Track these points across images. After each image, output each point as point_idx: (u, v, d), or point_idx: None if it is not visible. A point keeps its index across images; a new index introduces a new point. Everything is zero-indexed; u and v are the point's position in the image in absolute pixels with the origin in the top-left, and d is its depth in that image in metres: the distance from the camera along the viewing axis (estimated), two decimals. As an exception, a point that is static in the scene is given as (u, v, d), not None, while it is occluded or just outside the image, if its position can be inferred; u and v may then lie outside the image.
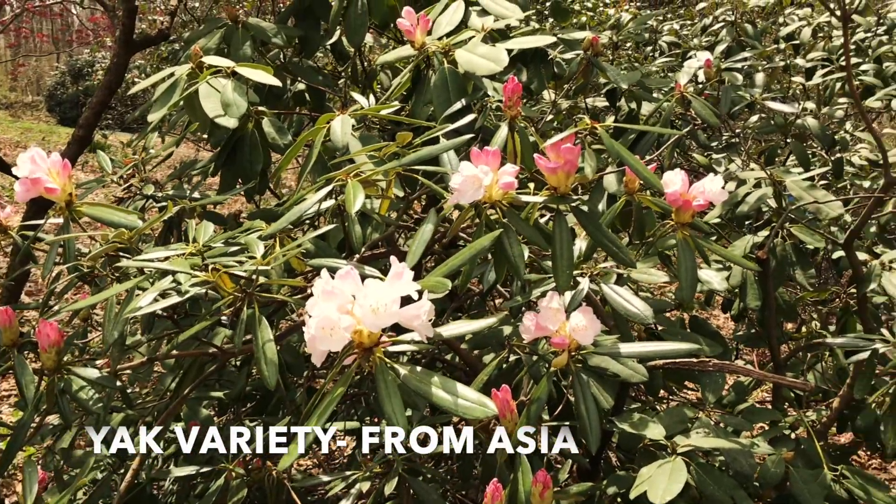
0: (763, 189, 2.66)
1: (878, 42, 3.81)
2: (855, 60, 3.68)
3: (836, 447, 2.72)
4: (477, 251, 1.32)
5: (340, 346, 1.17)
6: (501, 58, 1.91)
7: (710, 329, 2.46)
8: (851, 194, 3.45)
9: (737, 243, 2.66)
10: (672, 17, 5.35)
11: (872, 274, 2.54)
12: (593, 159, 1.60)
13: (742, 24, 4.04)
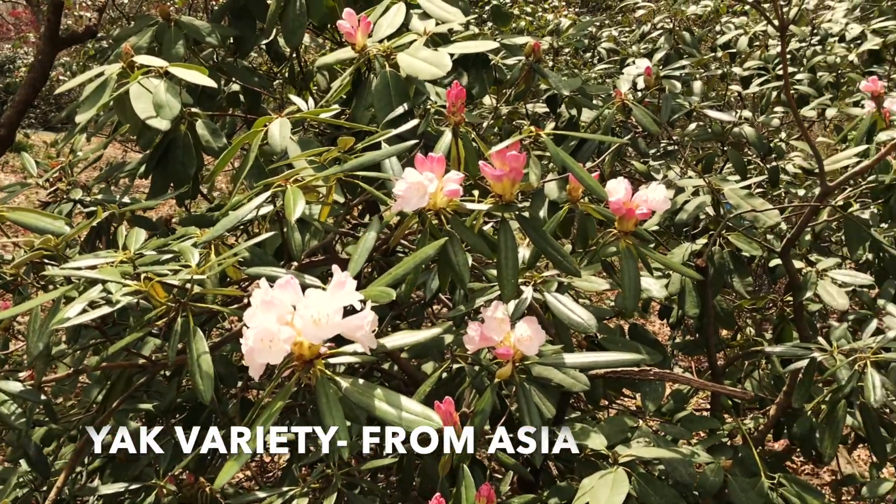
0: (701, 197, 2.70)
1: (812, 52, 3.91)
2: (790, 70, 3.77)
3: (771, 454, 2.77)
4: (422, 260, 1.30)
5: (280, 359, 1.15)
6: (444, 62, 1.91)
7: (650, 337, 2.48)
8: (787, 202, 3.53)
9: (675, 251, 2.70)
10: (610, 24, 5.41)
11: (808, 282, 2.60)
12: (538, 167, 1.60)
13: (680, 31, 4.11)
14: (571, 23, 4.51)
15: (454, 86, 1.68)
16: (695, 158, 3.50)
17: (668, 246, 2.88)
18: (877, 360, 1.92)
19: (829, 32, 4.05)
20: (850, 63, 3.86)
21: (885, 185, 2.65)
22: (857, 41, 3.95)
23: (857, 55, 3.85)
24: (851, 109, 3.37)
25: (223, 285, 1.73)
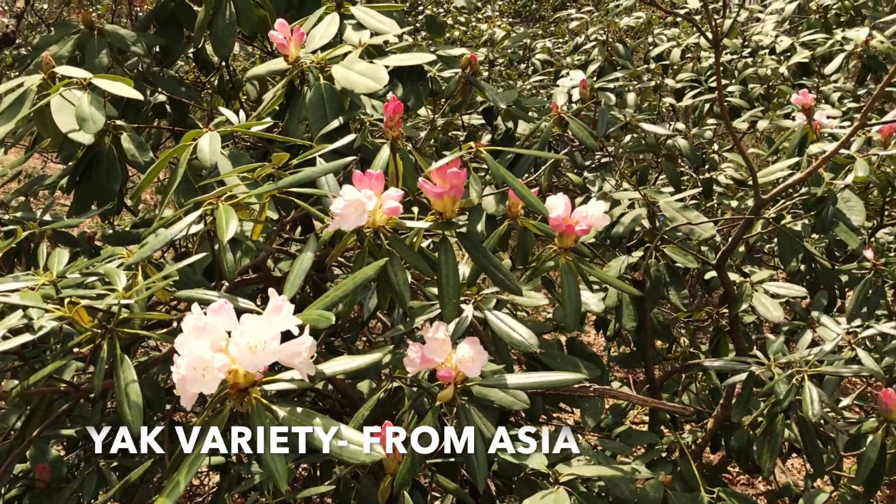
0: (637, 210, 2.73)
1: (743, 64, 4.00)
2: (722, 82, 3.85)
3: (707, 466, 2.81)
4: (362, 281, 1.28)
5: (214, 388, 1.11)
6: (381, 76, 1.89)
7: (588, 351, 2.49)
8: (720, 213, 3.60)
9: (612, 264, 2.72)
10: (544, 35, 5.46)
11: (744, 294, 2.64)
12: (478, 184, 1.59)
13: (613, 43, 4.16)
14: (505, 33, 4.53)
15: (392, 100, 1.67)
16: (630, 170, 3.54)
17: (604, 259, 2.90)
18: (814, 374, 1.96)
19: (760, 45, 4.15)
20: (781, 75, 3.95)
21: (817, 197, 2.72)
22: (786, 54, 4.06)
23: (787, 68, 3.95)
24: (782, 121, 3.45)
25: (151, 307, 1.67)
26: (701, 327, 3.32)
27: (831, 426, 2.13)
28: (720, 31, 2.53)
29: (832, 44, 3.87)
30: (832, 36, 3.95)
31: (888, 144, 2.78)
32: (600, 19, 4.73)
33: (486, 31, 4.83)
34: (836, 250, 3.21)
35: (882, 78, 3.86)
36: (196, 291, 1.35)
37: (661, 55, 4.22)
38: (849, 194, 2.71)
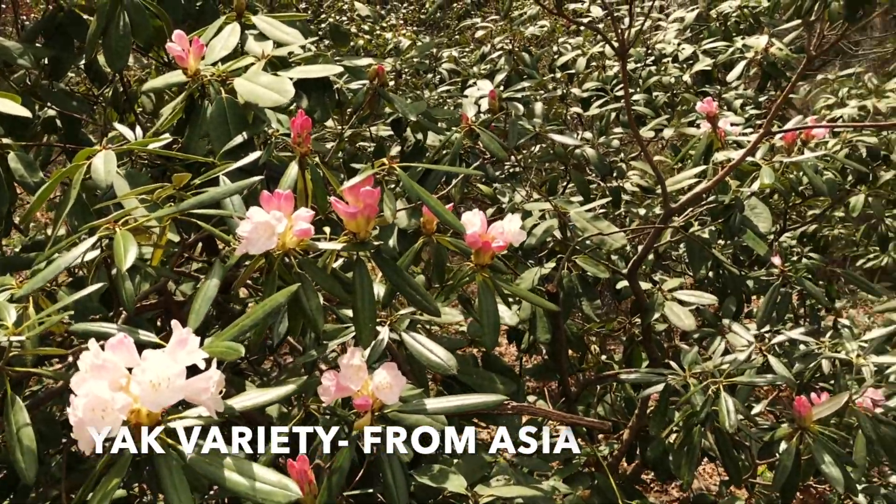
0: (549, 221, 2.73)
1: (647, 72, 4.06)
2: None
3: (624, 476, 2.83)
4: (272, 309, 1.22)
5: (115, 432, 1.04)
6: (286, 88, 1.83)
7: (503, 365, 2.48)
8: (628, 221, 3.64)
9: (525, 275, 2.71)
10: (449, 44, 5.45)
11: (655, 303, 2.67)
12: (392, 201, 1.55)
13: (519, 52, 4.18)
14: (411, 42, 4.50)
15: (299, 115, 1.62)
16: (539, 181, 3.56)
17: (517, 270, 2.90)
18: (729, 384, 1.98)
19: (663, 53, 4.22)
20: (684, 83, 4.03)
21: (724, 204, 2.77)
22: (689, 61, 4.14)
23: (690, 75, 4.03)
24: (687, 129, 3.52)
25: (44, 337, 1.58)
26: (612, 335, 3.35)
27: (745, 434, 2.17)
28: (626, 40, 2.55)
29: (733, 51, 3.97)
30: (733, 43, 4.06)
31: (791, 151, 2.86)
32: (505, 28, 4.75)
33: (392, 39, 4.80)
34: (742, 256, 3.29)
35: (781, 84, 3.99)
36: (93, 325, 1.26)
37: (567, 64, 4.26)
38: (755, 201, 2.77)
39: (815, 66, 5.57)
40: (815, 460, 1.78)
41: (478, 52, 4.49)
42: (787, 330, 2.50)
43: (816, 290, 2.64)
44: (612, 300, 3.54)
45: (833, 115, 3.58)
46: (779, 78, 3.86)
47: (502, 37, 4.43)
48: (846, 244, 4.40)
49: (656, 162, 4.15)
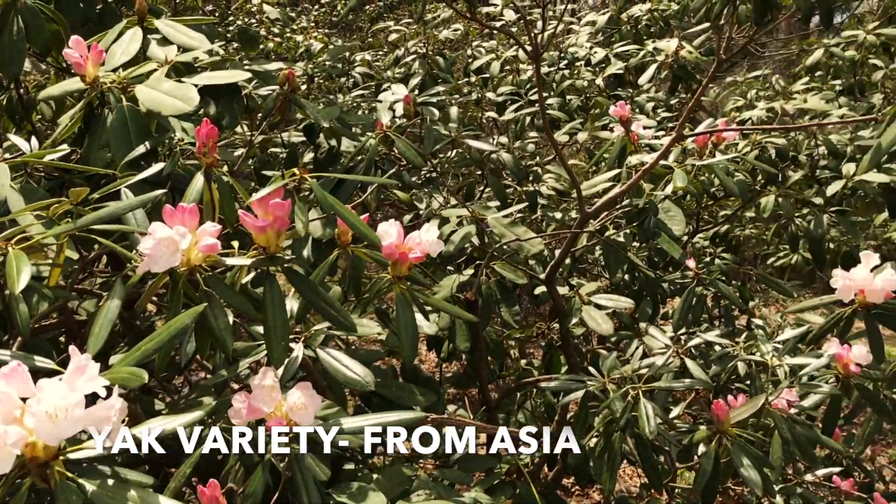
0: (466, 227, 2.71)
1: (560, 76, 4.10)
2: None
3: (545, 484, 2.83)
4: (177, 331, 1.17)
5: (8, 467, 0.98)
6: (191, 96, 1.77)
7: (423, 376, 2.46)
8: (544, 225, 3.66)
9: (443, 283, 2.69)
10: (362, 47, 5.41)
11: (574, 308, 2.68)
12: (304, 213, 1.50)
13: (433, 56, 4.16)
14: (323, 45, 4.44)
15: (204, 123, 1.56)
16: (457, 186, 3.54)
17: (435, 278, 2.88)
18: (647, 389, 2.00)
19: (576, 56, 4.26)
20: (597, 87, 4.08)
21: (638, 208, 2.80)
22: (601, 65, 4.19)
23: (603, 79, 4.08)
24: (601, 133, 3.56)
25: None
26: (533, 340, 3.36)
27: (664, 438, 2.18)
28: (539, 43, 2.56)
29: (644, 55, 4.04)
30: (644, 47, 4.12)
31: (703, 154, 2.91)
32: (419, 31, 4.73)
33: (303, 42, 4.73)
34: (658, 258, 3.33)
35: (692, 87, 4.06)
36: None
37: (481, 68, 4.26)
38: (669, 204, 2.81)
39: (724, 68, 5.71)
40: (733, 463, 1.80)
41: (391, 56, 4.46)
42: (702, 331, 2.53)
43: (730, 291, 2.69)
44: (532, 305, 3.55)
45: (742, 117, 3.67)
46: (689, 80, 3.94)
47: (415, 40, 4.41)
48: (757, 243, 4.51)
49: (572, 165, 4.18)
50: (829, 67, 4.28)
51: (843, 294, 2.14)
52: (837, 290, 2.14)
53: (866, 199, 3.64)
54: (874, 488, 2.59)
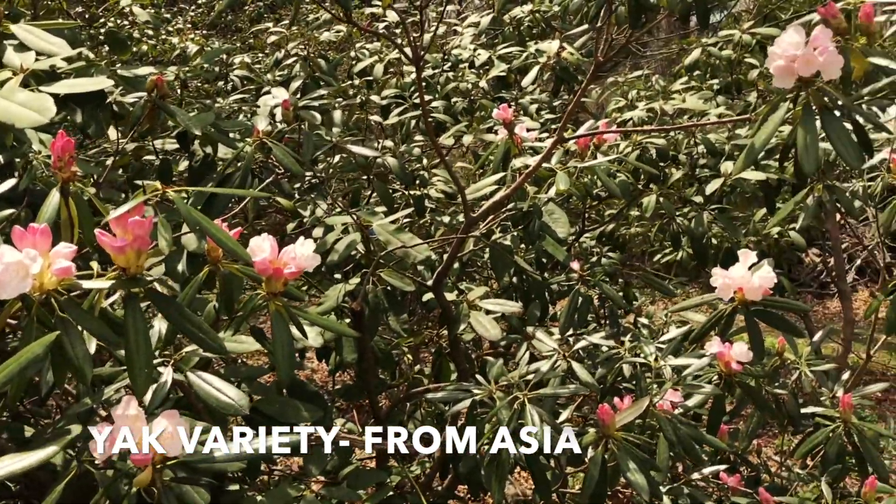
0: (351, 235, 2.67)
1: (445, 78, 4.08)
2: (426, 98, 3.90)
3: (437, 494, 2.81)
4: (28, 362, 1.10)
5: None
6: (47, 106, 1.67)
7: (310, 390, 2.41)
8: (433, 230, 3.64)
9: (329, 293, 2.65)
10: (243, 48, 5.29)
11: (462, 314, 2.67)
12: (168, 230, 1.44)
13: (315, 58, 4.09)
14: (199, 48, 4.32)
15: (59, 136, 1.47)
16: (342, 191, 3.49)
17: (321, 288, 2.83)
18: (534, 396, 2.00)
19: (460, 58, 4.26)
20: (482, 89, 4.08)
21: (523, 211, 2.81)
22: (485, 67, 4.20)
23: (487, 81, 4.09)
24: (486, 136, 3.56)
25: None
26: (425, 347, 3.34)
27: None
28: (420, 46, 2.53)
29: (527, 56, 4.06)
30: (526, 48, 4.15)
31: (585, 156, 2.94)
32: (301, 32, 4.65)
33: (179, 44, 4.59)
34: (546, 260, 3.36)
35: (574, 88, 4.11)
36: None
37: (365, 70, 4.21)
38: (553, 207, 2.83)
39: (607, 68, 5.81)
40: (619, 468, 1.82)
41: (272, 59, 4.37)
42: (589, 333, 2.56)
43: (613, 292, 2.72)
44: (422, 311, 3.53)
45: (623, 118, 3.73)
46: (571, 82, 3.98)
47: (296, 42, 4.33)
48: (643, 241, 4.61)
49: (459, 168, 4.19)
50: (707, 66, 4.39)
51: (723, 292, 2.19)
52: (717, 289, 2.19)
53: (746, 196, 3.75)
54: (761, 481, 2.66)
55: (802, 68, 1.73)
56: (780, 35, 1.78)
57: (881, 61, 1.80)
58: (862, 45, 1.85)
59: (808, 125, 1.73)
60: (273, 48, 4.79)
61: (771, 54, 1.77)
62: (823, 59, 1.71)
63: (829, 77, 1.73)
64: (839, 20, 1.92)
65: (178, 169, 2.89)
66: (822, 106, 1.73)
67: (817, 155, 1.74)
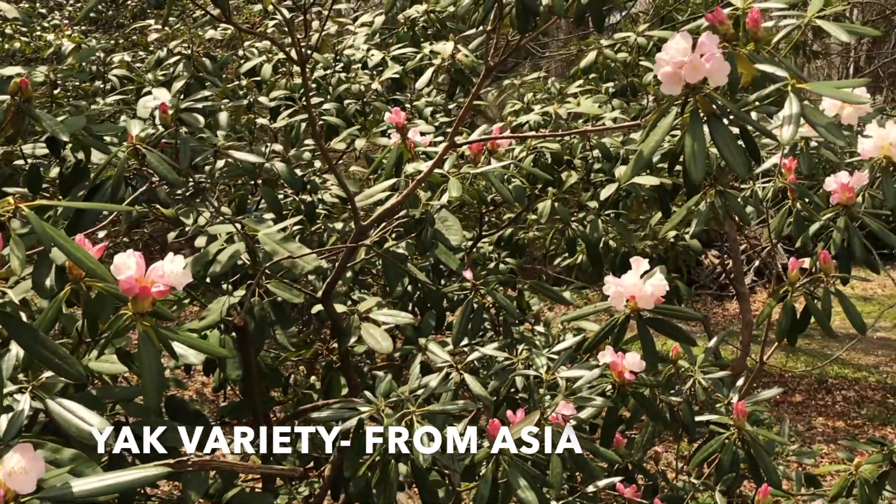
0: (235, 245, 2.61)
1: (337, 80, 4.03)
2: (317, 99, 3.85)
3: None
4: None
5: None
6: None
7: (191, 410, 2.35)
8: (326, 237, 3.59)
9: (212, 306, 2.59)
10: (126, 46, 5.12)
11: (352, 327, 2.64)
12: (21, 249, 1.37)
13: (200, 57, 3.99)
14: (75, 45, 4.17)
15: None
16: (228, 198, 3.41)
17: (204, 301, 2.76)
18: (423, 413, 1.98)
19: (353, 59, 4.21)
20: (376, 91, 4.04)
21: (415, 219, 2.79)
22: (379, 68, 4.17)
23: (381, 83, 4.06)
24: (380, 139, 3.53)
25: None
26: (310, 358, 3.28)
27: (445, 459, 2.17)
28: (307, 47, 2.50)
29: (421, 58, 4.05)
30: (421, 50, 4.14)
31: (478, 161, 2.94)
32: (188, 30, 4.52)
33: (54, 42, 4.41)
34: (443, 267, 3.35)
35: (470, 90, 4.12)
36: None
37: (254, 70, 4.12)
38: (446, 214, 2.82)
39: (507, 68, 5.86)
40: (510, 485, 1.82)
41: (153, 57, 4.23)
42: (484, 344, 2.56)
43: (506, 301, 2.72)
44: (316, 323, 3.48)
45: (519, 122, 3.74)
46: (467, 84, 3.99)
47: (179, 40, 4.21)
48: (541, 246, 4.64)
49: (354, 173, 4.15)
50: (603, 69, 4.45)
51: (615, 301, 2.22)
52: (609, 298, 2.21)
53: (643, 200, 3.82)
54: (658, 490, 2.70)
55: (689, 75, 1.75)
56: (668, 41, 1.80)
57: (767, 68, 1.84)
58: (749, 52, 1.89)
59: (695, 132, 1.76)
60: (159, 45, 4.65)
61: (658, 60, 1.79)
62: (710, 66, 1.74)
63: (716, 83, 1.76)
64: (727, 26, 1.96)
65: (49, 175, 2.78)
66: (710, 113, 1.76)
67: (704, 162, 1.78)
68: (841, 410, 7.35)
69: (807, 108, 1.80)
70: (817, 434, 6.69)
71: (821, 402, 7.59)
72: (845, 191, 2.58)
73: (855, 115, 2.54)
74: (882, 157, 2.56)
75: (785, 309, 2.56)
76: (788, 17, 2.14)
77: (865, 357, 9.02)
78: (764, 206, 2.97)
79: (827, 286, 2.55)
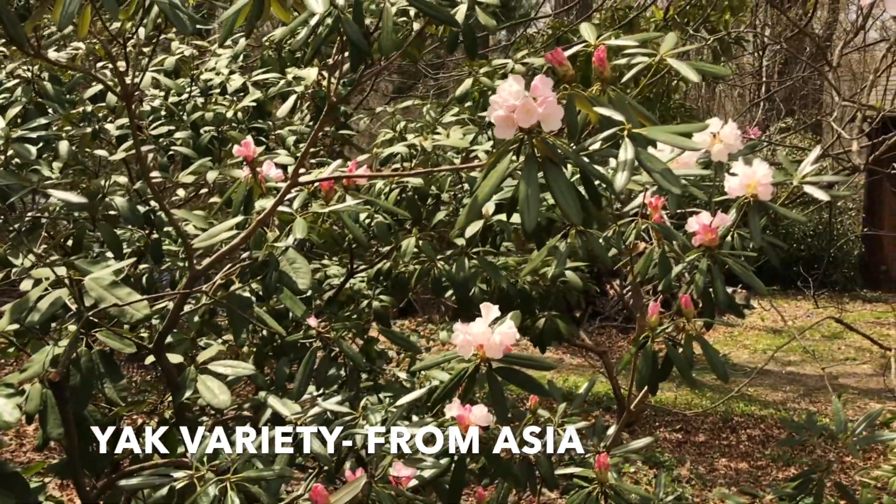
0: (59, 290, 2.54)
1: (192, 106, 3.96)
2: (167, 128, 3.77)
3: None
4: None
5: None
6: None
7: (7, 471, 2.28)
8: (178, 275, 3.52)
9: (35, 357, 2.51)
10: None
11: (188, 380, 2.58)
12: None
13: (43, 82, 3.88)
14: None
15: None
16: (61, 237, 3.32)
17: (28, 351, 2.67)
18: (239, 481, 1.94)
19: (211, 84, 4.15)
20: (235, 118, 3.98)
21: (260, 260, 2.74)
22: (240, 94, 4.11)
23: (241, 110, 4.00)
24: (234, 172, 3.47)
25: None
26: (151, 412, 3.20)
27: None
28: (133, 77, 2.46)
29: (284, 84, 4.01)
30: (285, 75, 4.10)
31: (330, 199, 2.91)
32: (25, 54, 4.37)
33: None
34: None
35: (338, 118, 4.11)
36: None
37: (98, 95, 4.02)
38: (294, 255, 2.78)
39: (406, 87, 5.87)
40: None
41: (-12, 82, 4.10)
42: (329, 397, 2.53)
43: (353, 351, 2.71)
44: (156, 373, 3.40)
45: (386, 153, 3.74)
46: (334, 112, 3.97)
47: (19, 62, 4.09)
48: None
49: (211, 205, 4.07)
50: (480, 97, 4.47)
51: (463, 350, 2.20)
52: (458, 346, 2.21)
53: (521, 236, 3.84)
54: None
55: (522, 119, 1.78)
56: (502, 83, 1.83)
57: (604, 111, 1.87)
58: (590, 94, 1.93)
59: (529, 178, 1.78)
60: (1, 65, 4.50)
61: (492, 103, 1.81)
62: (542, 111, 1.76)
63: (550, 128, 1.79)
64: (566, 67, 1.99)
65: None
66: (547, 157, 1.78)
67: (538, 209, 1.80)
68: (745, 451, 7.48)
69: (642, 154, 1.84)
70: (719, 476, 6.80)
71: (724, 442, 7.72)
72: (707, 232, 2.62)
73: (725, 152, 2.62)
74: (749, 195, 2.62)
75: (645, 356, 2.57)
76: (640, 55, 2.20)
77: (773, 393, 9.24)
78: (626, 247, 3.00)
79: (688, 331, 2.59)
